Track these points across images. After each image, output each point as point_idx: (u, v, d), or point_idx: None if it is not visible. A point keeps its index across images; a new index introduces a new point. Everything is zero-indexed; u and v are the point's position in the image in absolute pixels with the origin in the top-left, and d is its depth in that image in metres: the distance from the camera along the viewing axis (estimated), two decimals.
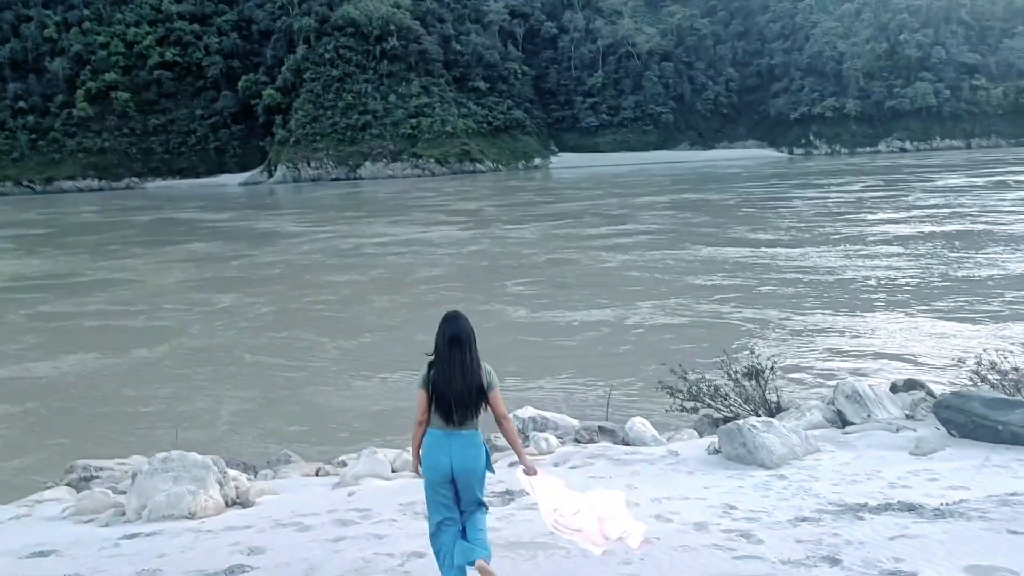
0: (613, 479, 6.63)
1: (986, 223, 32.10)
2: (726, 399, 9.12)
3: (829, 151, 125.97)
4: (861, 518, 5.02)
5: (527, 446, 7.98)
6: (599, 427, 8.49)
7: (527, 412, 8.88)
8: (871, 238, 29.43)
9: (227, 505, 6.56)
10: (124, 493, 6.93)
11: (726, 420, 9.21)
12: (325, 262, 31.04)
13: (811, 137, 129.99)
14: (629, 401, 12.63)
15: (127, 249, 38.85)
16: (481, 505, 4.29)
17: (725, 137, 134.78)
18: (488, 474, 4.34)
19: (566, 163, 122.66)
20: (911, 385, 8.80)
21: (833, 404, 8.21)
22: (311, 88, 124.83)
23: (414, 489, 6.79)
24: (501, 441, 7.46)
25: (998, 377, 8.00)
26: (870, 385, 8.32)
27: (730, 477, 6.45)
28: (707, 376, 9.47)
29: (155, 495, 6.27)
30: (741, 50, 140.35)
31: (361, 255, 32.61)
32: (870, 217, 36.52)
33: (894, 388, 8.88)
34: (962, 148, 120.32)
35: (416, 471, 4.40)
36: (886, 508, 5.18)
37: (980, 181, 55.13)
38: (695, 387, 9.12)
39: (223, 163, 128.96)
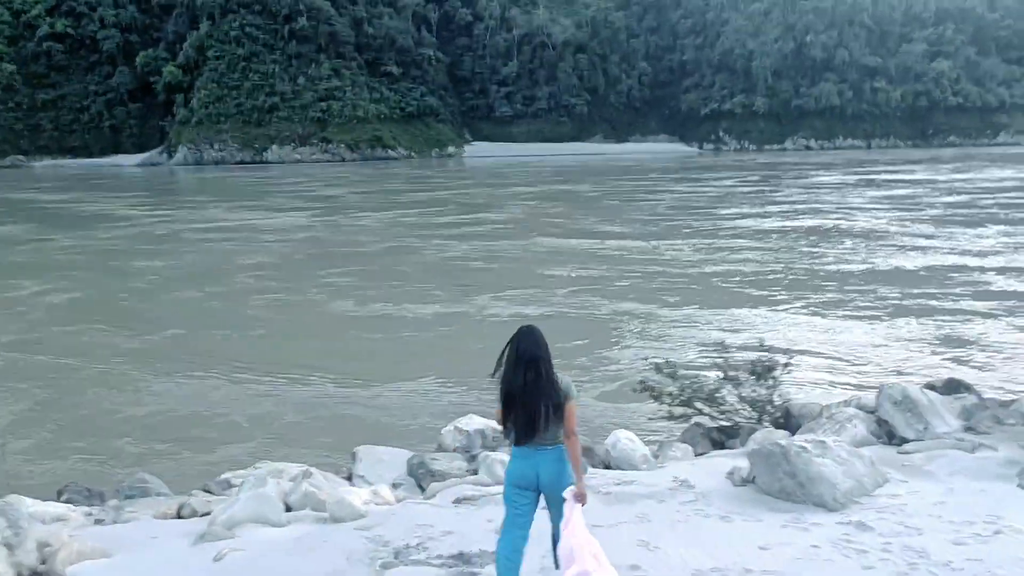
0: (614, 528, 4.58)
1: (842, 219, 31.66)
2: (722, 404, 7.20)
3: (738, 147, 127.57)
4: None
5: (476, 472, 5.89)
6: None
7: (472, 423, 6.75)
8: (724, 232, 28.52)
9: None
10: None
11: (721, 430, 7.32)
12: (136, 247, 28.02)
13: (721, 133, 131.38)
14: None
15: None
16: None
17: (637, 130, 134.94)
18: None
19: (480, 152, 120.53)
20: (953, 387, 7.05)
21: (875, 412, 6.36)
22: (215, 67, 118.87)
23: (320, 546, 4.58)
24: None
25: None
26: (922, 389, 6.51)
27: (785, 526, 4.49)
28: (700, 375, 7.52)
29: None
30: (654, 45, 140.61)
31: (179, 241, 29.83)
32: (731, 211, 35.67)
33: (931, 389, 7.13)
34: (863, 148, 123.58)
35: None
36: None
37: (852, 179, 55.52)
38: (688, 389, 7.16)
39: (119, 142, 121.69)
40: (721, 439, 7.19)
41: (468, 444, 6.49)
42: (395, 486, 6.90)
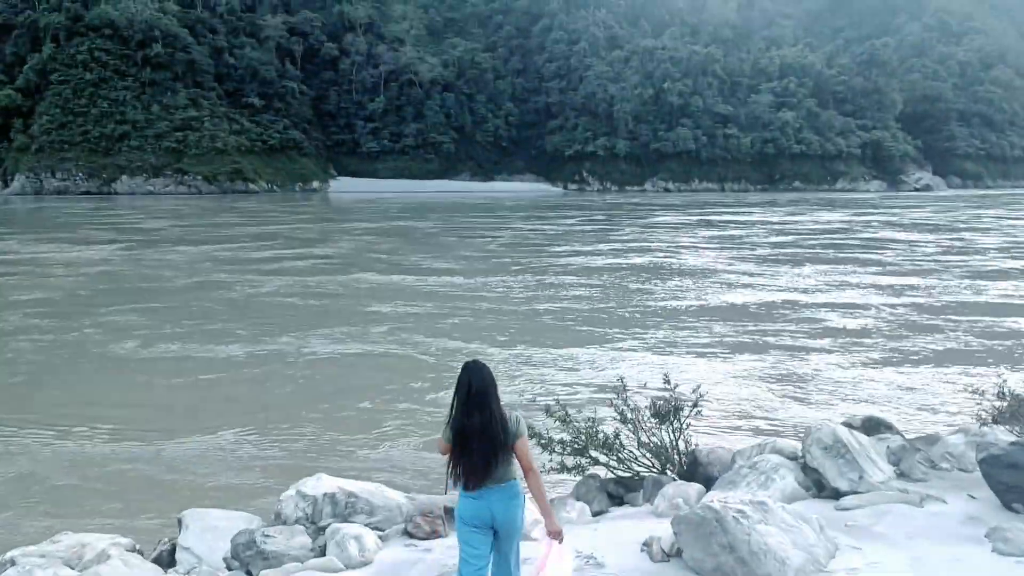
0: None
1: (671, 257, 32.10)
2: (620, 451, 6.19)
3: (601, 188, 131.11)
4: None
5: (323, 552, 4.60)
6: (445, 508, 5.18)
7: (322, 486, 5.43)
8: (556, 269, 28.31)
9: None
10: None
11: (619, 482, 6.30)
12: None
13: (584, 174, 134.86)
14: (401, 453, 9.61)
15: None
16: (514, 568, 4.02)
17: (504, 169, 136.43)
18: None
19: (346, 187, 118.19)
20: (872, 426, 6.33)
21: (801, 459, 5.48)
22: (59, 91, 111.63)
23: None
24: None
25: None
26: (850, 430, 5.70)
27: None
28: (595, 418, 6.46)
29: None
30: (520, 86, 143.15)
31: None
32: (565, 249, 35.63)
33: (849, 427, 6.37)
34: (717, 191, 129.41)
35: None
36: None
37: (692, 220, 57.23)
38: (585, 436, 6.10)
39: None
40: (619, 493, 6.20)
41: (314, 513, 5.18)
42: (228, 566, 5.47)
